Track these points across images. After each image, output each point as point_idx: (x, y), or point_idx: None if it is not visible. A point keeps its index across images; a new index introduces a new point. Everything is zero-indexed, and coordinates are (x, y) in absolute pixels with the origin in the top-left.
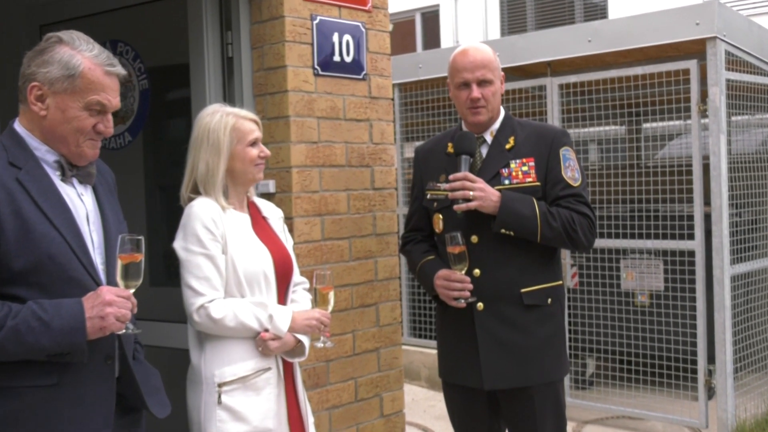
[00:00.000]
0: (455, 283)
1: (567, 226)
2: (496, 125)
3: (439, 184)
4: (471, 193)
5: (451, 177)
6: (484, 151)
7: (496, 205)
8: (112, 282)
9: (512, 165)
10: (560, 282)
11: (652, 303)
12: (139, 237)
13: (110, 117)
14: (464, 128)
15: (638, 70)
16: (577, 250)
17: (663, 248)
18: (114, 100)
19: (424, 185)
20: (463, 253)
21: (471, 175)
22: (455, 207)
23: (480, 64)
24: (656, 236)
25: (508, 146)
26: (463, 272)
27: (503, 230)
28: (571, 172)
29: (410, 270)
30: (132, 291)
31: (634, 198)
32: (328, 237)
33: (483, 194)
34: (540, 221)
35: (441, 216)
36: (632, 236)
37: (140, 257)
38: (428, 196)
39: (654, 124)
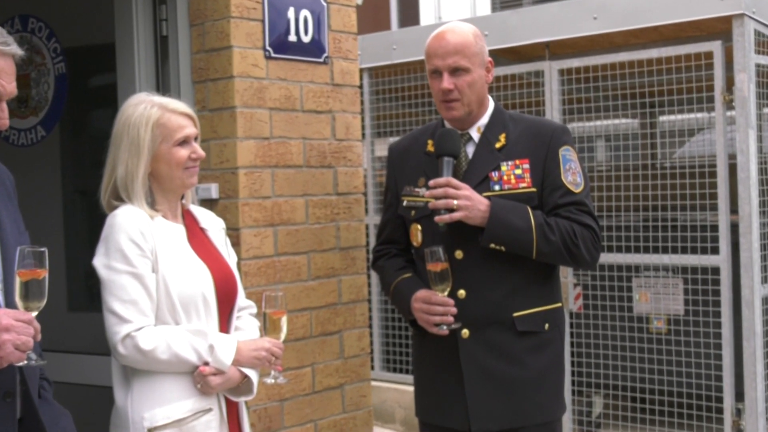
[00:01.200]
0: (436, 306)
1: (567, 239)
2: (484, 119)
3: (417, 189)
4: (455, 202)
5: (431, 183)
6: (470, 150)
7: (485, 215)
8: (10, 303)
9: (503, 167)
10: (559, 304)
11: (669, 329)
12: (42, 249)
13: (4, 106)
14: (447, 123)
15: (653, 53)
16: (580, 267)
17: (683, 264)
18: (9, 86)
19: (399, 190)
20: (446, 270)
21: (455, 181)
22: (436, 218)
23: (452, 50)
24: (674, 250)
25: (498, 145)
26: (446, 293)
27: (493, 245)
28: (572, 176)
29: (383, 290)
30: (34, 314)
31: (648, 205)
32: (283, 251)
33: (469, 203)
34: (536, 234)
35: (419, 226)
36: (646, 250)
37: (43, 273)
38: (404, 203)
39: (671, 117)
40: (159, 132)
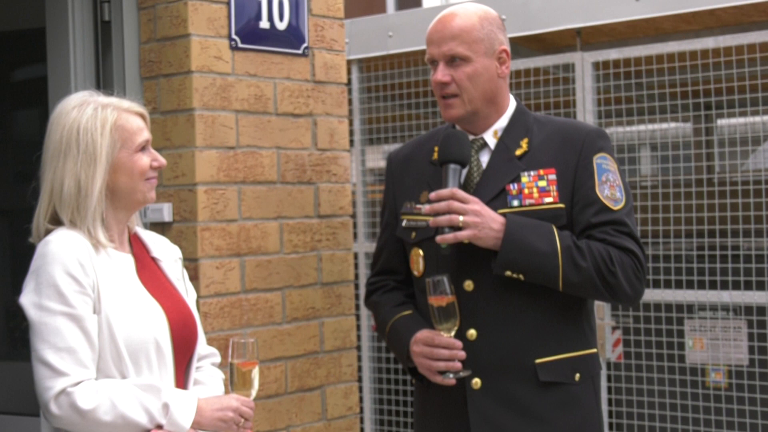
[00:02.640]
0: (440, 349)
1: (602, 266)
2: (502, 122)
3: (419, 207)
4: (461, 218)
5: (432, 195)
6: (484, 158)
7: (498, 235)
8: None
9: (524, 179)
10: (593, 350)
11: (730, 384)
12: None
13: None
14: (457, 127)
15: (709, 43)
16: (619, 302)
17: (746, 303)
18: None
19: (398, 207)
20: (452, 305)
21: (461, 193)
22: (438, 238)
23: (449, 34)
24: (736, 285)
25: (519, 152)
26: (452, 333)
27: (509, 272)
28: (609, 190)
29: (377, 331)
30: None
31: (704, 229)
32: (252, 288)
33: (478, 220)
34: (562, 259)
35: (421, 252)
36: (701, 285)
37: None
38: (404, 223)
39: (732, 121)
40: (118, 136)
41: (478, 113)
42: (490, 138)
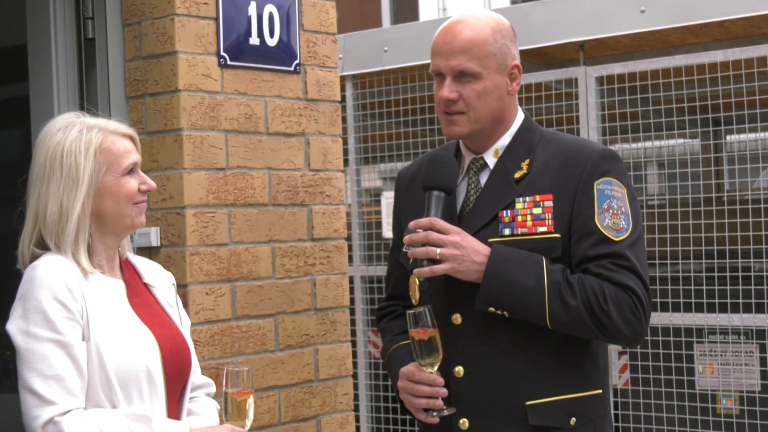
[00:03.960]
0: (421, 386)
1: (594, 305)
2: (504, 140)
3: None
4: (438, 250)
5: (411, 224)
6: (483, 180)
7: (480, 269)
8: None
9: (519, 205)
10: (597, 391)
11: (742, 410)
12: None
13: None
14: (460, 143)
15: (718, 56)
16: (616, 344)
17: (758, 326)
18: None
19: (403, 230)
20: (434, 339)
21: (441, 223)
22: (415, 271)
23: (459, 48)
24: (747, 308)
25: (518, 174)
26: (434, 369)
27: (492, 309)
28: (612, 218)
29: (381, 358)
30: None
31: (713, 250)
32: (243, 314)
33: (458, 252)
34: (548, 296)
35: (418, 280)
36: (711, 308)
37: None
38: (404, 248)
39: (742, 137)
40: (103, 159)
41: (483, 132)
42: (491, 157)
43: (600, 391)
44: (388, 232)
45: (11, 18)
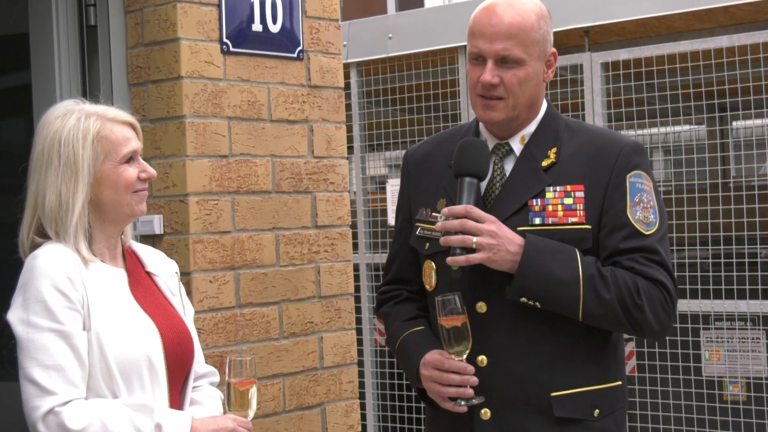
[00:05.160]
0: (451, 374)
1: (627, 299)
2: (531, 127)
3: (435, 215)
4: (474, 239)
5: (445, 211)
6: (508, 166)
7: (515, 259)
8: None
9: (549, 194)
10: (617, 383)
11: (749, 397)
12: None
13: None
14: (481, 127)
15: (724, 42)
16: (643, 337)
17: (765, 313)
18: None
19: (413, 213)
20: (465, 326)
21: (476, 211)
22: (449, 260)
23: (505, 31)
24: (754, 294)
25: (545, 163)
26: (464, 357)
27: (524, 299)
28: (642, 212)
29: (387, 344)
30: None
31: (719, 236)
32: (247, 302)
33: (494, 242)
34: (584, 290)
35: (434, 265)
36: (718, 295)
37: None
38: (418, 232)
39: (748, 123)
40: (101, 147)
41: (518, 119)
42: (517, 144)
43: (620, 383)
44: (392, 219)
45: (13, 6)
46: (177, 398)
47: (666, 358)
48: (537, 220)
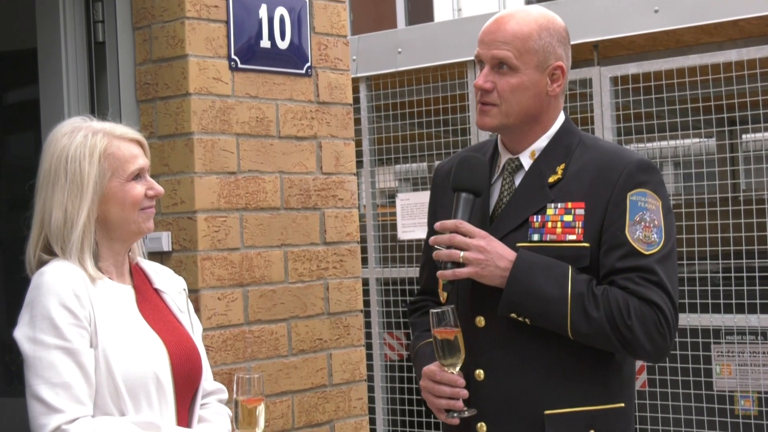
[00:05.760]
0: (442, 386)
1: (617, 318)
2: (542, 142)
3: None
4: (461, 253)
5: (437, 225)
6: (518, 181)
7: (504, 275)
8: None
9: (550, 211)
10: (620, 404)
11: (760, 411)
12: None
13: None
14: (498, 142)
15: (733, 56)
16: (637, 358)
17: None
18: None
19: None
20: (457, 339)
21: (466, 226)
22: (438, 273)
23: (501, 37)
24: (765, 309)
25: (552, 179)
26: (456, 369)
27: (513, 315)
28: (643, 231)
29: (410, 353)
30: None
31: (730, 250)
32: (256, 319)
33: (481, 257)
34: (571, 307)
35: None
36: (728, 309)
37: None
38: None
39: (757, 136)
40: (108, 165)
41: (515, 129)
42: (527, 159)
43: (622, 404)
44: (403, 234)
45: (22, 21)
46: (185, 416)
47: (677, 372)
48: (535, 237)
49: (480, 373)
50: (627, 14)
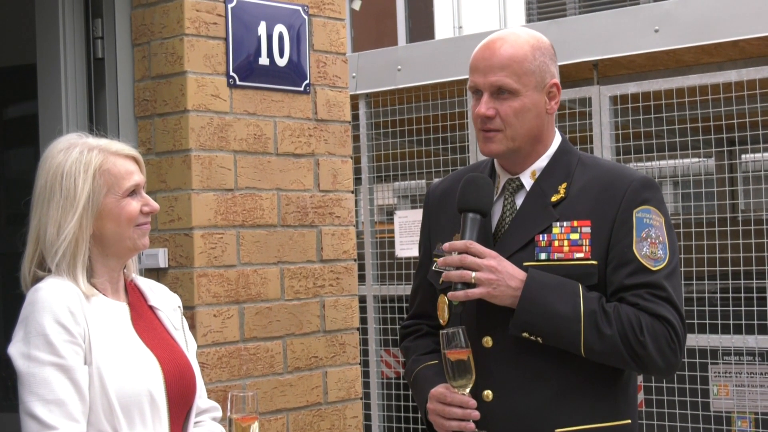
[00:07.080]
0: (453, 408)
1: (630, 336)
2: (542, 162)
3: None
4: (473, 274)
5: (446, 246)
6: (519, 201)
7: (516, 294)
8: None
9: (556, 230)
10: (626, 421)
11: None
12: None
13: None
14: (496, 162)
15: (732, 76)
16: (648, 374)
17: None
18: None
19: (432, 248)
20: (467, 361)
21: (477, 246)
22: (449, 294)
23: (497, 64)
24: (763, 329)
25: (555, 198)
26: (467, 391)
27: (525, 334)
28: (650, 248)
29: (405, 378)
30: None
31: (728, 270)
32: (251, 336)
33: (493, 277)
34: (584, 325)
35: (447, 299)
36: (726, 330)
37: None
38: (434, 267)
39: (756, 156)
40: (103, 181)
41: (520, 151)
42: (527, 179)
43: (629, 421)
44: (400, 251)
45: (21, 37)
46: None
47: (674, 392)
48: (543, 256)
49: (488, 394)
50: (627, 34)
